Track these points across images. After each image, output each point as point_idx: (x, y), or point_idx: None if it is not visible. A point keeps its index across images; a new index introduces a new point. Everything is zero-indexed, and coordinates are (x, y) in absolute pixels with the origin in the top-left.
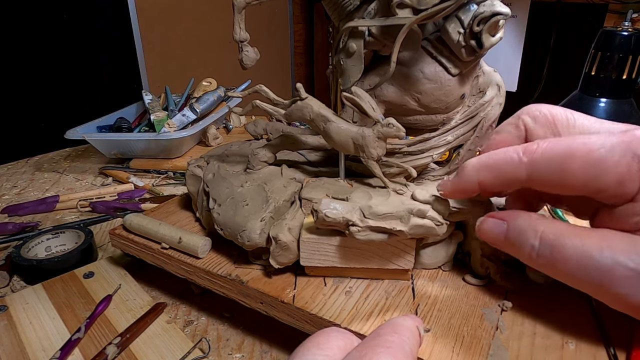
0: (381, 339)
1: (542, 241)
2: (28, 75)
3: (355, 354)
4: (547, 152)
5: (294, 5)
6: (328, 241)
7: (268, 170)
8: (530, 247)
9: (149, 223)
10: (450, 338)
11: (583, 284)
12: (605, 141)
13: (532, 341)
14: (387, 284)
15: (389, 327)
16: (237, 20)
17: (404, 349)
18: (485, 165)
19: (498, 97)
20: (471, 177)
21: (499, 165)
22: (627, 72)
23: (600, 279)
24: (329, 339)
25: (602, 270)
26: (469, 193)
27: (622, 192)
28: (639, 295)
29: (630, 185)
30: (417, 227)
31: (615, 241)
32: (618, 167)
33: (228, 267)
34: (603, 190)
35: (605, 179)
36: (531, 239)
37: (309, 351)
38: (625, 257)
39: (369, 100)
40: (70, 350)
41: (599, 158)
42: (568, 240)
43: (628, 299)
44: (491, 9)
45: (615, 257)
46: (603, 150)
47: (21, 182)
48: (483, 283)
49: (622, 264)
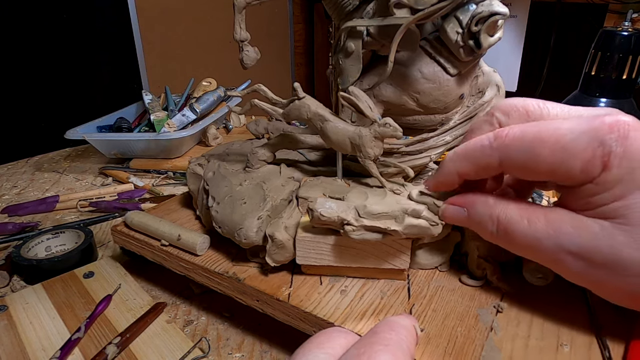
0: (379, 336)
1: (498, 227)
2: (28, 75)
3: (354, 351)
4: (517, 138)
5: (294, 5)
6: (324, 240)
7: (267, 169)
8: (490, 232)
9: (150, 220)
10: (444, 338)
11: (539, 261)
12: (574, 127)
13: (526, 343)
14: (383, 283)
15: (386, 325)
16: (238, 20)
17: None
18: (460, 155)
19: (497, 97)
20: (449, 168)
21: (472, 153)
22: (627, 72)
23: (551, 259)
24: (330, 338)
25: (550, 252)
26: (451, 184)
27: (584, 177)
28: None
29: (592, 170)
30: (411, 227)
31: (562, 225)
32: (584, 153)
33: (226, 265)
34: (568, 175)
35: (571, 164)
36: (489, 226)
37: (310, 351)
38: (569, 242)
39: (366, 99)
40: (70, 350)
41: (567, 143)
42: (518, 227)
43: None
44: (489, 8)
45: (559, 241)
46: (571, 136)
47: (21, 182)
48: (479, 284)
49: (565, 248)
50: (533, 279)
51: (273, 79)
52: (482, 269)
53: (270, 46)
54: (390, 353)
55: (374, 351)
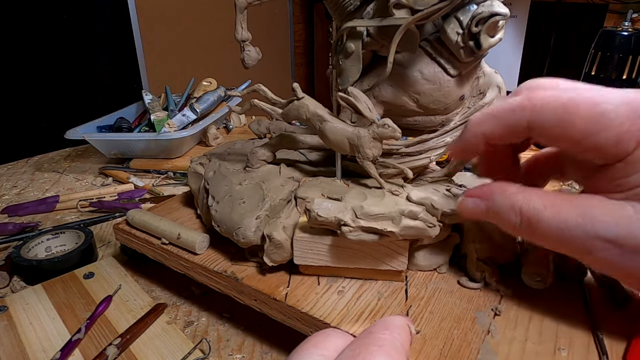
0: (373, 337)
1: (522, 217)
2: (28, 75)
3: (349, 352)
4: (550, 101)
5: (294, 5)
6: (321, 240)
7: (267, 169)
8: (512, 223)
9: (150, 219)
10: (440, 340)
11: (567, 252)
12: (614, 97)
13: (523, 347)
14: (380, 284)
15: (380, 325)
16: (239, 20)
17: (396, 346)
18: (488, 115)
19: (499, 98)
20: (475, 129)
21: (501, 113)
22: (627, 72)
23: (581, 249)
24: (327, 338)
25: (580, 241)
26: (475, 147)
27: (617, 151)
28: (619, 260)
29: (626, 145)
30: (408, 228)
31: (595, 211)
32: (621, 125)
33: (224, 264)
34: (600, 147)
35: (605, 135)
36: (512, 217)
37: (306, 351)
38: (601, 228)
39: (365, 100)
40: (70, 351)
41: (602, 112)
42: (543, 216)
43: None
44: (490, 9)
45: (590, 229)
46: (608, 106)
47: (21, 182)
48: (478, 286)
49: (598, 235)
50: (532, 282)
51: (273, 79)
52: (481, 272)
53: (270, 46)
54: (385, 353)
55: (368, 352)
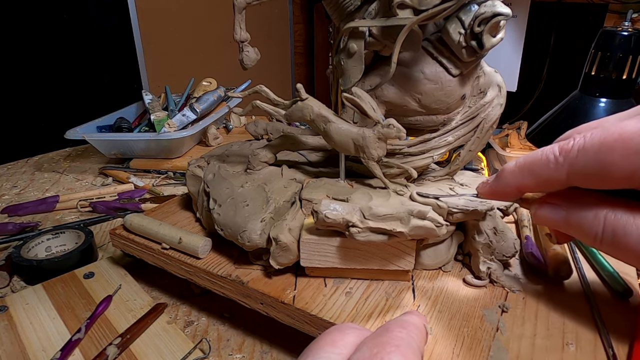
0: (390, 335)
1: (605, 228)
2: (28, 75)
3: (366, 351)
4: (583, 149)
5: (294, 5)
6: (328, 242)
7: (268, 171)
8: (593, 235)
9: (149, 223)
10: (451, 339)
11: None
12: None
13: (533, 342)
14: (387, 284)
15: (397, 323)
16: (238, 21)
17: (412, 347)
18: (522, 168)
19: (499, 97)
20: (509, 181)
21: (536, 169)
22: (627, 72)
23: None
24: (344, 335)
25: None
26: (508, 197)
27: None
28: None
29: None
30: (417, 228)
31: None
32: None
33: (228, 268)
34: None
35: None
36: (595, 227)
37: (322, 349)
38: None
39: (369, 100)
40: (70, 351)
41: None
42: (631, 229)
43: None
44: (492, 9)
45: None
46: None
47: (21, 182)
48: (483, 284)
49: None
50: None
51: (273, 79)
52: (486, 269)
53: (270, 46)
54: (402, 354)
55: (386, 352)
